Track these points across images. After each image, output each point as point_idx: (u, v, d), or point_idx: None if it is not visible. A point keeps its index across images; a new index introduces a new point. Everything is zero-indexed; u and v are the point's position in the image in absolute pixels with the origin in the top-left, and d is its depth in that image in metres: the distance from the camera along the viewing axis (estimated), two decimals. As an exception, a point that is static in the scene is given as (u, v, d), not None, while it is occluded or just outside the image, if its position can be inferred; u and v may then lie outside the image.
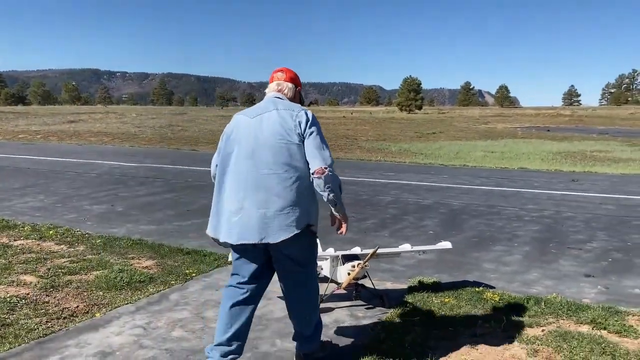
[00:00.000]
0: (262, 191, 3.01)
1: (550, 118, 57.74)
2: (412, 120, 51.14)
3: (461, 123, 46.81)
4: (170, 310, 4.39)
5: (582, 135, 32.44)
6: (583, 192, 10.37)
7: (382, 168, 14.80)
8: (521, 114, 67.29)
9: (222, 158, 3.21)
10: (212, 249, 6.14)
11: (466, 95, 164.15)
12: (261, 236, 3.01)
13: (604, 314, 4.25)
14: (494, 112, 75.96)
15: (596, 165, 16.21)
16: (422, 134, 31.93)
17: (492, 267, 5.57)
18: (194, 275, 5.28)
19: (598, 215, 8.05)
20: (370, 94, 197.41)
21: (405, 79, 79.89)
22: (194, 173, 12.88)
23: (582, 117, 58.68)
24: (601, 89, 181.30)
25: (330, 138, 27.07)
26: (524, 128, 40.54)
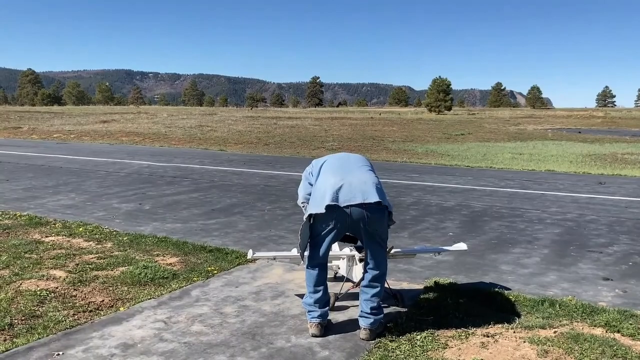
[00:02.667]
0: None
1: (583, 120, 56.65)
2: (441, 121, 50.72)
3: (491, 124, 46.26)
4: (190, 306, 4.54)
5: (614, 137, 31.80)
6: (609, 195, 10.24)
7: (407, 169, 14.82)
8: (553, 115, 66.16)
9: None
10: (234, 247, 6.31)
11: (497, 96, 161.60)
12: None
13: (619, 317, 4.26)
14: (525, 114, 74.83)
15: (626, 168, 15.93)
16: (450, 135, 31.72)
17: (510, 269, 5.59)
18: (215, 273, 5.44)
19: (622, 219, 7.96)
20: (399, 95, 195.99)
21: (434, 80, 79.30)
22: (220, 173, 13.10)
23: (615, 118, 57.39)
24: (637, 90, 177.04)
25: (357, 139, 27.16)
26: (555, 129, 39.89)
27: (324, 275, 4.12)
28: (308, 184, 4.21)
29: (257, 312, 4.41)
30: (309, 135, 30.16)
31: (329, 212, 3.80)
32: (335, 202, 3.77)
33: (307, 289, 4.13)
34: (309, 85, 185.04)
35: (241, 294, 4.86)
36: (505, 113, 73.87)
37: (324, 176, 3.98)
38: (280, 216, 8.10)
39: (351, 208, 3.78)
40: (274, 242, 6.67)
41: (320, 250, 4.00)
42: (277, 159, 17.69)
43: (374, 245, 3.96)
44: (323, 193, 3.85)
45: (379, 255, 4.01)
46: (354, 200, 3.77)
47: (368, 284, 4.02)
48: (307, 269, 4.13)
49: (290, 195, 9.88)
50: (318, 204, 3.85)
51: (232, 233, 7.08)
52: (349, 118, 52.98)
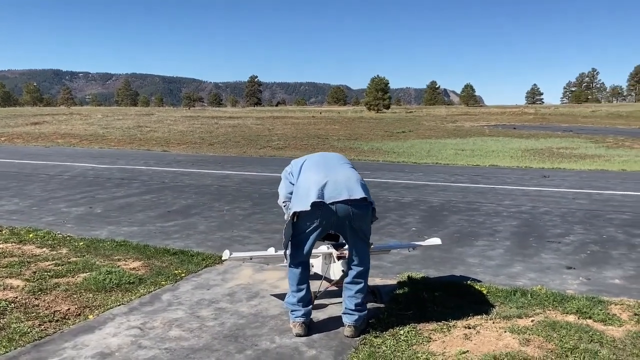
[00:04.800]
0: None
1: (515, 116, 58.78)
2: (381, 119, 51.44)
3: (429, 122, 47.29)
4: (164, 311, 4.39)
5: (547, 132, 33.17)
6: (555, 187, 10.66)
7: (357, 167, 14.85)
8: (487, 113, 68.32)
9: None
10: (198, 249, 6.15)
11: (432, 94, 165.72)
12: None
13: (588, 303, 4.42)
14: (461, 111, 77.02)
15: (564, 162, 16.63)
16: (392, 133, 32.19)
17: (477, 262, 5.71)
18: (183, 276, 5.28)
19: (572, 210, 8.29)
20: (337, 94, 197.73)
21: (373, 79, 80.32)
22: (170, 174, 12.77)
23: (545, 115, 59.86)
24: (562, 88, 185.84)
25: (302, 138, 27.14)
26: (491, 126, 41.21)
27: (306, 274, 4.07)
28: (289, 183, 4.15)
29: (235, 314, 4.31)
30: (253, 134, 29.90)
31: (314, 210, 3.75)
32: (320, 199, 3.73)
33: (290, 288, 4.06)
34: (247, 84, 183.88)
35: (214, 296, 4.74)
36: (442, 111, 75.78)
37: (307, 174, 3.94)
38: (241, 216, 7.97)
39: (336, 205, 3.75)
40: (238, 242, 6.55)
41: (304, 248, 3.95)
42: (225, 158, 17.43)
43: (358, 241, 3.94)
44: (307, 190, 3.80)
45: (363, 252, 3.99)
46: (339, 197, 3.75)
47: (352, 281, 3.99)
48: (289, 268, 4.06)
49: (246, 195, 9.76)
50: (302, 202, 3.80)
51: (194, 235, 6.90)
52: (291, 117, 52.89)
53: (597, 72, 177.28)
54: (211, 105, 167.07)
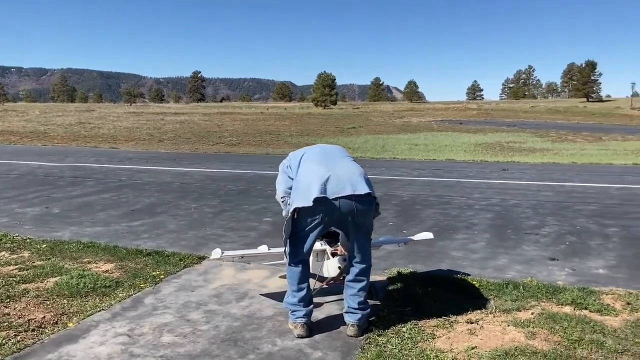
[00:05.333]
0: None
1: (460, 112, 60.21)
2: (330, 115, 51.55)
3: (377, 118, 47.77)
4: (150, 315, 4.13)
5: (492, 127, 34.09)
6: (517, 180, 10.87)
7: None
8: (432, 108, 69.68)
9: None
10: (172, 248, 5.87)
11: (376, 90, 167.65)
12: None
13: (581, 294, 4.44)
14: (406, 107, 78.19)
15: (515, 156, 17.06)
16: (343, 129, 32.31)
17: (461, 255, 5.69)
18: (162, 277, 5.01)
19: (541, 202, 8.44)
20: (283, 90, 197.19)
21: (319, 75, 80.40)
22: (125, 171, 12.27)
23: (488, 110, 61.61)
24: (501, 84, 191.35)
25: (254, 134, 26.84)
26: (438, 121, 42.02)
27: (307, 272, 3.91)
28: (288, 177, 3.94)
29: (227, 317, 4.10)
30: (203, 131, 29.35)
31: (316, 205, 3.57)
32: (323, 194, 3.55)
33: (290, 287, 3.88)
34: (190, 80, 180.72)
35: (201, 298, 4.50)
36: (388, 107, 76.82)
37: (307, 168, 3.75)
38: (210, 214, 7.69)
39: (340, 200, 3.58)
40: (213, 241, 6.30)
41: (305, 246, 3.77)
42: (178, 155, 16.97)
43: (361, 238, 3.78)
44: (308, 185, 3.61)
45: (366, 249, 3.84)
46: (342, 192, 3.58)
47: (355, 279, 3.84)
48: (289, 267, 3.88)
49: (212, 192, 9.46)
50: (304, 197, 3.61)
51: (164, 234, 6.60)
52: (238, 113, 52.33)
53: (533, 69, 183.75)
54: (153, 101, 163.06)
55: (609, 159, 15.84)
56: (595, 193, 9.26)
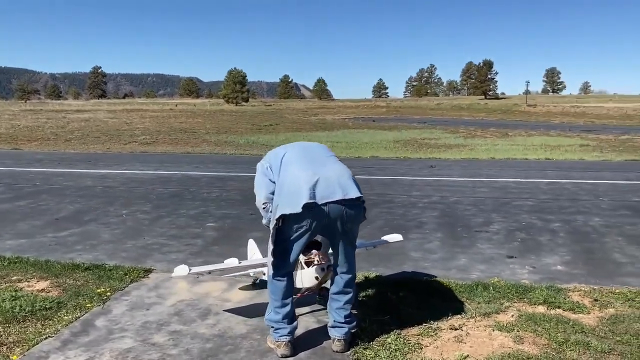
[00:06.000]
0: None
1: (370, 109, 61.43)
2: (243, 112, 50.83)
3: (291, 115, 47.69)
4: (107, 341, 3.68)
5: (404, 124, 34.93)
6: (449, 177, 11.06)
7: (243, 161, 14.40)
8: (343, 106, 70.61)
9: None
10: (113, 261, 5.36)
11: (286, 88, 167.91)
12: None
13: (550, 293, 4.46)
14: (318, 105, 78.76)
15: (434, 152, 17.48)
16: (260, 127, 31.88)
17: (420, 256, 5.60)
18: (109, 295, 4.53)
19: (480, 199, 8.59)
20: (190, 86, 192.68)
21: (230, 71, 79.15)
22: (39, 175, 11.26)
23: (397, 108, 63.37)
24: (405, 82, 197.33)
25: (168, 132, 25.85)
26: (351, 119, 42.56)
27: (292, 286, 3.61)
28: (269, 181, 3.61)
29: (197, 338, 3.73)
30: (111, 129, 27.90)
31: (305, 212, 3.28)
32: (312, 199, 3.26)
33: (273, 304, 3.56)
34: (90, 75, 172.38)
35: (160, 317, 4.09)
36: (300, 104, 77.02)
37: (291, 170, 3.44)
38: (146, 221, 7.15)
39: (330, 205, 3.31)
40: (157, 251, 5.83)
41: (291, 256, 3.49)
42: (91, 156, 15.93)
43: (347, 246, 3.53)
44: (296, 190, 3.31)
45: (351, 257, 3.60)
46: (332, 197, 3.31)
47: (341, 290, 3.59)
48: (272, 280, 3.55)
49: (141, 197, 8.85)
50: (291, 203, 3.30)
51: (99, 245, 6.03)
52: (146, 110, 50.40)
53: (435, 67, 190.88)
54: (49, 97, 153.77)
55: (522, 154, 16.59)
56: (527, 189, 9.58)
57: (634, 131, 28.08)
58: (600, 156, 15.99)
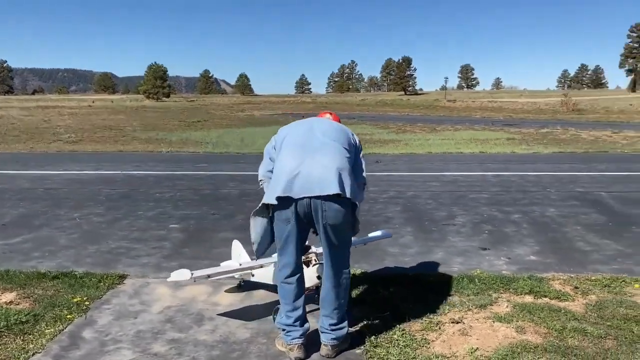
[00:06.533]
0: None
1: (296, 105, 61.55)
2: (167, 108, 49.53)
3: (218, 111, 46.91)
4: (102, 354, 3.46)
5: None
6: (398, 172, 11.23)
7: (185, 160, 13.99)
8: (268, 102, 70.26)
9: None
10: (81, 268, 5.04)
11: (206, 83, 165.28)
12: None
13: (533, 282, 4.61)
14: (243, 100, 77.92)
15: (372, 147, 17.66)
16: (188, 123, 31.07)
17: (398, 251, 5.64)
18: (88, 304, 4.26)
19: (436, 193, 8.77)
20: (105, 82, 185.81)
21: (150, 66, 76.61)
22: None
23: (323, 103, 63.83)
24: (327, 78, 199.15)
25: (94, 130, 24.76)
26: (280, 115, 42.38)
27: (302, 287, 3.51)
28: (269, 159, 3.56)
29: (200, 345, 3.57)
30: (30, 127, 26.34)
31: (284, 204, 3.22)
32: (287, 193, 3.18)
33: (284, 307, 3.46)
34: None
35: (152, 325, 3.89)
36: (224, 100, 75.91)
37: (283, 156, 3.35)
38: (104, 224, 6.78)
39: (309, 200, 3.19)
40: (124, 255, 5.55)
41: (294, 253, 3.39)
42: (17, 156, 14.96)
43: (332, 246, 3.34)
44: (278, 180, 3.26)
45: (338, 258, 3.41)
46: (310, 192, 3.17)
47: (326, 297, 3.44)
48: (281, 284, 3.47)
49: (90, 198, 8.39)
50: (270, 193, 3.29)
51: (60, 251, 5.66)
52: (63, 107, 48.10)
53: (356, 64, 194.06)
54: None
55: (456, 148, 17.10)
56: (477, 182, 9.89)
57: (551, 124, 29.67)
58: (529, 149, 16.76)
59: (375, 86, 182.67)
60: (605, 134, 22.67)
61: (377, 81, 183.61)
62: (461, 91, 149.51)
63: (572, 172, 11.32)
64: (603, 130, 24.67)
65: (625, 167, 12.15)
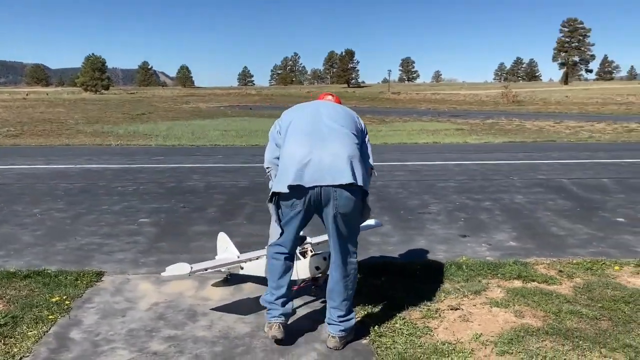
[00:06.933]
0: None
1: (242, 97, 60.78)
2: (107, 101, 47.90)
3: (161, 103, 45.77)
4: (99, 355, 3.27)
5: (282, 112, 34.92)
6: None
7: (136, 152, 13.54)
8: (212, 94, 69.03)
9: None
10: (53, 266, 4.77)
11: (145, 75, 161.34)
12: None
13: (519, 267, 4.69)
14: (186, 93, 76.29)
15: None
16: (133, 115, 30.18)
17: (380, 240, 5.62)
18: (68, 304, 4.02)
19: (405, 182, 8.81)
20: (37, 74, 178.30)
21: (88, 57, 73.77)
22: None
23: (269, 95, 63.33)
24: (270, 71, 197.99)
25: (33, 123, 23.67)
26: (226, 107, 41.78)
27: (289, 269, 3.46)
28: (275, 145, 3.45)
29: (199, 342, 3.42)
30: (-38, 120, 24.89)
31: (294, 192, 3.16)
32: (298, 182, 3.13)
33: (270, 284, 3.45)
34: None
35: (144, 323, 3.70)
36: (167, 92, 74.15)
37: (292, 143, 3.27)
38: (68, 219, 6.44)
39: (320, 188, 3.15)
40: (97, 251, 5.29)
41: (288, 236, 3.36)
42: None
43: (340, 235, 3.30)
44: (286, 168, 3.20)
45: (348, 248, 3.37)
46: (322, 181, 3.13)
47: (334, 288, 3.38)
48: (270, 259, 3.45)
49: (46, 193, 7.97)
50: (281, 181, 3.21)
51: (25, 249, 5.34)
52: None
53: (299, 56, 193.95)
54: None
55: (409, 139, 17.33)
56: (441, 171, 10.02)
57: (495, 115, 30.53)
58: (479, 139, 17.17)
59: (319, 79, 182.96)
60: (548, 124, 23.53)
61: (320, 74, 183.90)
62: (403, 84, 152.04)
63: (529, 160, 11.66)
64: (545, 121, 25.61)
65: (575, 155, 12.64)
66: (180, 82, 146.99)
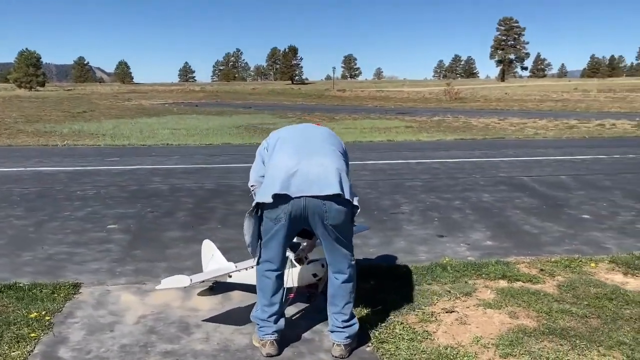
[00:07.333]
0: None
1: (185, 94, 59.59)
2: (44, 98, 45.93)
3: (102, 101, 44.33)
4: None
5: (230, 109, 34.54)
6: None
7: (87, 154, 13.02)
8: (155, 90, 67.45)
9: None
10: (23, 279, 4.51)
11: (81, 71, 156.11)
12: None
13: (502, 267, 4.77)
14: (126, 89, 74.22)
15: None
16: (74, 114, 29.06)
17: (360, 242, 5.55)
18: (49, 319, 3.80)
19: (369, 182, 8.83)
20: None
21: (21, 53, 70.50)
22: None
23: (214, 92, 62.39)
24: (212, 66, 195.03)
25: (-33, 122, 22.36)
26: (171, 104, 40.86)
27: (281, 283, 3.40)
28: (261, 162, 3.41)
29: (200, 356, 3.30)
30: None
31: (279, 202, 3.11)
32: (285, 191, 3.09)
33: (261, 301, 3.37)
34: None
35: (135, 338, 3.54)
36: (106, 88, 71.90)
37: (279, 156, 3.25)
38: (30, 227, 6.10)
39: (306, 198, 3.12)
40: (68, 261, 5.03)
41: (276, 250, 3.30)
42: None
43: (335, 244, 3.31)
44: (273, 178, 3.15)
45: (342, 257, 3.38)
46: (308, 191, 3.10)
47: (336, 293, 3.39)
48: (260, 276, 3.37)
49: (2, 199, 7.52)
50: (265, 191, 3.15)
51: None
52: None
53: (241, 52, 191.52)
54: None
55: (363, 137, 17.44)
56: (404, 170, 10.11)
57: (441, 113, 31.16)
58: (431, 137, 17.47)
59: (262, 75, 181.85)
60: (493, 121, 24.21)
61: (263, 70, 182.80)
62: (346, 81, 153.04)
63: (486, 158, 11.95)
64: (490, 118, 26.36)
65: (528, 152, 13.05)
66: (119, 78, 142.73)
